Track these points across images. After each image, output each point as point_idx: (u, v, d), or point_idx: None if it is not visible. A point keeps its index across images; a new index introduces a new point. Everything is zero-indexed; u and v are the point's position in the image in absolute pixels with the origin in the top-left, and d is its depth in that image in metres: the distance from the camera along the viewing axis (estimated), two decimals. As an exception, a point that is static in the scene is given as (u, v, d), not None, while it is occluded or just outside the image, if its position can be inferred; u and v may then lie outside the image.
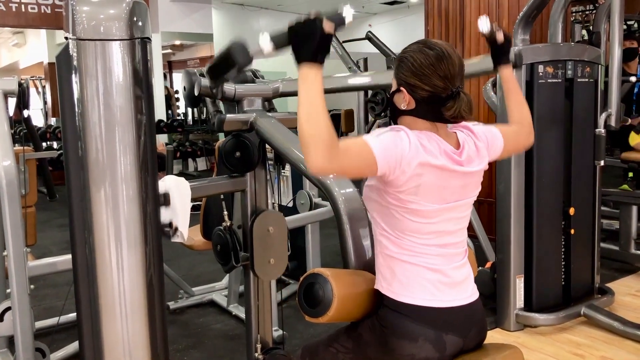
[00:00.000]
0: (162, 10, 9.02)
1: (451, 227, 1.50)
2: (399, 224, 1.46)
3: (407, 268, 1.47)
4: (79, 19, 1.26)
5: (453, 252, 1.52)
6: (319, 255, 3.33)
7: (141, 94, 1.32)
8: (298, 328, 3.13)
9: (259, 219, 1.87)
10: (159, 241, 1.43)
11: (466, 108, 1.43)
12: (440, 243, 1.49)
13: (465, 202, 1.52)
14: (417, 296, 1.46)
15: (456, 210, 1.50)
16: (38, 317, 3.00)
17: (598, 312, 3.03)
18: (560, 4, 3.52)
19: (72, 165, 1.34)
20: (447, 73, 1.42)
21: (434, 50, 1.43)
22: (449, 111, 1.42)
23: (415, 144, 1.38)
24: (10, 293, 2.17)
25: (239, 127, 1.95)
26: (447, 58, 1.43)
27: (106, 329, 1.36)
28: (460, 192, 1.49)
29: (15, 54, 12.99)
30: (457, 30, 4.80)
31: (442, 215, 1.47)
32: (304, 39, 1.29)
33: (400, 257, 1.48)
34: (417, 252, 1.47)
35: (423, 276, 1.47)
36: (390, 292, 1.49)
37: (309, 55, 1.28)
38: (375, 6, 12.02)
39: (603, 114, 3.14)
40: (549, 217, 3.05)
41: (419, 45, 1.47)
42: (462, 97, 1.43)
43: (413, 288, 1.47)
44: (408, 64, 1.45)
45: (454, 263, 1.52)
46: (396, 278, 1.48)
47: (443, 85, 1.42)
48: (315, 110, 1.28)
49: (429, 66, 1.42)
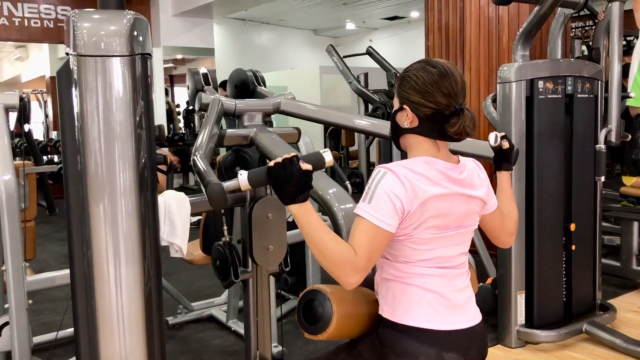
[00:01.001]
0: (164, 24, 9.07)
1: (451, 253, 1.50)
2: (398, 250, 1.46)
3: (407, 290, 1.46)
4: (80, 35, 1.26)
5: (454, 274, 1.51)
6: (318, 271, 3.32)
7: (141, 109, 1.32)
8: (297, 344, 3.11)
9: (258, 205, 1.83)
10: (158, 256, 1.43)
11: (470, 124, 1.43)
12: (440, 265, 1.48)
13: (467, 230, 1.52)
14: (418, 319, 1.45)
15: (458, 237, 1.49)
16: (36, 331, 2.98)
17: (600, 329, 3.00)
18: (559, 20, 3.54)
19: (72, 179, 1.34)
20: (450, 90, 1.42)
21: (436, 68, 1.44)
22: (453, 127, 1.42)
23: (409, 183, 1.38)
24: (9, 308, 2.16)
25: (239, 142, 1.96)
26: (450, 75, 1.43)
27: (104, 344, 1.35)
28: (463, 218, 1.49)
29: (17, 68, 13.04)
30: (458, 46, 4.82)
31: (443, 242, 1.46)
32: (282, 181, 1.34)
33: (401, 280, 1.47)
34: (416, 274, 1.46)
35: (423, 298, 1.46)
36: (392, 316, 1.48)
37: (289, 198, 1.35)
38: (375, 21, 12.09)
39: (603, 130, 3.15)
40: (549, 233, 3.04)
41: (421, 63, 1.48)
42: (465, 113, 1.43)
43: (414, 311, 1.45)
44: (411, 82, 1.45)
45: (455, 285, 1.50)
46: (397, 301, 1.47)
47: (446, 102, 1.42)
48: (320, 242, 1.35)
49: (433, 83, 1.42)
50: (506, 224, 1.66)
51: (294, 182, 1.33)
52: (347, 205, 1.71)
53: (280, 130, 2.09)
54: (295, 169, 1.33)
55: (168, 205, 1.75)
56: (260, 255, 1.84)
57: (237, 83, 2.44)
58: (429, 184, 1.40)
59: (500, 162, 1.70)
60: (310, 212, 1.36)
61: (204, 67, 2.37)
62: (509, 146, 1.68)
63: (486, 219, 1.61)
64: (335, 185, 1.79)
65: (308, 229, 1.36)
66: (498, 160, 1.70)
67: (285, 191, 1.34)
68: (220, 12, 9.62)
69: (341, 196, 1.73)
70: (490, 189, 1.58)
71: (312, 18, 11.74)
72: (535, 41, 3.79)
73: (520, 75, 2.91)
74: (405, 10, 11.01)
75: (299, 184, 1.34)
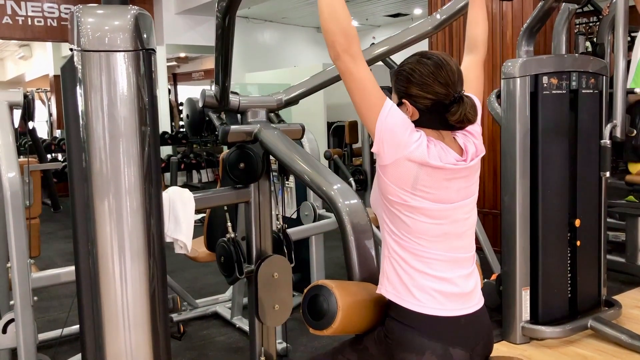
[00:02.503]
0: (167, 22, 9.07)
1: (459, 229, 1.49)
2: (405, 224, 1.45)
3: (414, 274, 1.46)
4: (84, 31, 1.26)
5: (462, 257, 1.50)
6: (323, 267, 3.31)
7: (145, 106, 1.32)
8: (302, 341, 3.11)
9: (264, 264, 1.87)
10: (163, 253, 1.43)
11: (471, 111, 1.43)
12: (448, 247, 1.47)
13: (470, 201, 1.52)
14: (424, 304, 1.44)
15: (462, 210, 1.49)
16: (41, 329, 2.99)
17: (605, 324, 3.00)
18: (564, 15, 3.53)
19: (76, 176, 1.34)
20: (448, 80, 1.43)
21: (431, 59, 1.45)
22: (454, 116, 1.42)
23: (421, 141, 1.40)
24: (14, 305, 2.16)
25: (242, 139, 1.95)
26: (446, 65, 1.44)
27: (109, 341, 1.35)
28: (465, 190, 1.49)
29: (21, 67, 13.08)
30: (461, 42, 4.80)
31: (449, 216, 1.46)
32: None
33: (408, 262, 1.46)
34: (424, 257, 1.46)
35: (430, 284, 1.45)
36: (396, 297, 1.47)
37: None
38: (378, 19, 12.08)
39: (608, 125, 3.13)
40: (554, 229, 3.03)
41: (415, 57, 1.49)
42: (465, 100, 1.43)
43: (420, 295, 1.45)
44: (407, 75, 1.46)
45: (463, 270, 1.50)
46: (402, 283, 1.46)
47: (445, 91, 1.43)
48: None
49: (429, 75, 1.43)
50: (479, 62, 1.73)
51: None
52: (351, 201, 1.70)
53: (284, 127, 2.08)
54: None
55: (172, 202, 1.75)
56: (265, 315, 1.87)
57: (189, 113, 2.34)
58: (432, 155, 1.41)
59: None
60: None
61: None
62: None
63: None
64: (339, 181, 1.79)
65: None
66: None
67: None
68: (224, 10, 9.60)
69: (345, 192, 1.72)
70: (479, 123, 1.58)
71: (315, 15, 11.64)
72: (539, 37, 3.78)
73: (524, 70, 2.90)
74: (408, 7, 10.98)
75: None
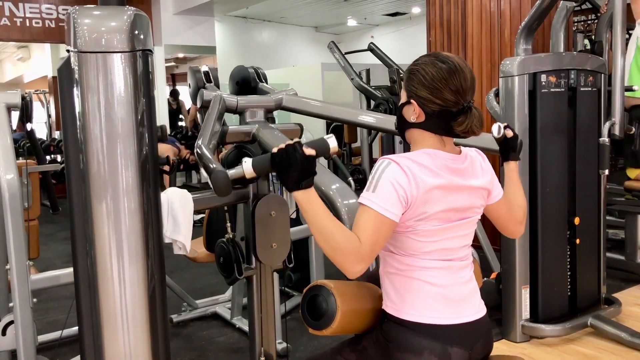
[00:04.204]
0: (165, 23, 9.05)
1: (455, 245, 1.49)
2: (402, 243, 1.45)
3: (411, 285, 1.46)
4: (81, 32, 1.26)
5: (458, 266, 1.50)
6: (322, 267, 3.31)
7: (142, 106, 1.32)
8: (302, 341, 3.11)
9: (261, 202, 1.82)
10: (161, 253, 1.42)
11: (477, 123, 1.42)
12: (444, 258, 1.47)
13: (470, 221, 1.51)
14: (421, 314, 1.44)
15: (461, 228, 1.49)
16: (41, 330, 2.98)
17: (605, 322, 3.00)
18: (562, 13, 3.52)
19: (74, 178, 1.34)
20: (459, 87, 1.41)
21: (446, 63, 1.42)
22: (460, 126, 1.41)
23: (412, 173, 1.37)
24: (13, 307, 2.16)
25: (241, 139, 1.95)
26: (460, 72, 1.41)
27: (108, 342, 1.35)
28: (466, 209, 1.48)
29: (19, 68, 13.06)
30: (460, 41, 4.80)
31: (446, 234, 1.46)
32: (286, 167, 1.34)
33: (404, 274, 1.46)
34: (419, 267, 1.45)
35: (427, 293, 1.45)
36: (395, 311, 1.47)
37: (293, 184, 1.34)
38: (377, 17, 12.07)
39: (607, 123, 3.13)
40: (554, 227, 3.03)
41: (430, 57, 1.45)
42: (473, 112, 1.42)
43: (418, 306, 1.45)
44: (419, 76, 1.44)
45: (459, 278, 1.50)
46: (400, 296, 1.46)
47: (454, 99, 1.41)
48: (324, 229, 1.34)
49: (441, 80, 1.41)
50: (515, 213, 1.66)
51: (297, 168, 1.32)
52: (350, 200, 1.71)
53: (283, 127, 2.09)
54: (298, 155, 1.33)
55: (171, 203, 1.74)
56: (264, 253, 1.83)
57: (238, 80, 2.44)
58: (430, 175, 1.40)
59: (507, 152, 1.68)
60: (315, 199, 1.35)
61: (205, 65, 2.37)
62: (512, 134, 1.67)
63: (492, 208, 1.60)
64: (338, 180, 1.79)
65: (312, 215, 1.35)
66: (505, 151, 1.69)
67: (289, 177, 1.33)
68: (222, 10, 9.61)
69: (344, 191, 1.72)
70: (494, 177, 1.57)
71: (314, 15, 11.72)
72: (538, 35, 3.77)
73: (522, 69, 2.90)
74: (407, 6, 10.99)
75: (303, 170, 1.33)
